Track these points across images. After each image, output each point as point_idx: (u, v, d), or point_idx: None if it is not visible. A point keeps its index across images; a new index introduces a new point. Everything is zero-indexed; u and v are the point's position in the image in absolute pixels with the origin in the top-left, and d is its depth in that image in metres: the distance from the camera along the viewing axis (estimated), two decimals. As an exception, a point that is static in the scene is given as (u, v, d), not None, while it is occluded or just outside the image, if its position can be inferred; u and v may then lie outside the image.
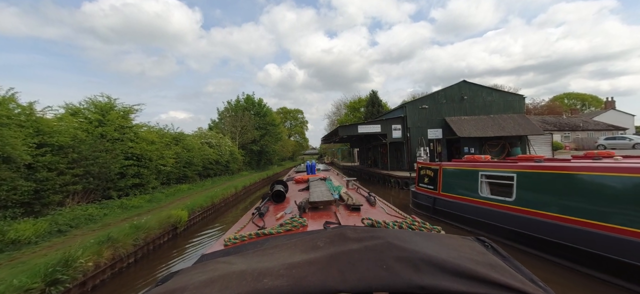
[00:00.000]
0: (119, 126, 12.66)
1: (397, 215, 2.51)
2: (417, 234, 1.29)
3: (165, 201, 12.67)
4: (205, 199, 11.09)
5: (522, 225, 5.89)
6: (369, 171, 24.58)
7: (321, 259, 0.99)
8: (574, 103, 65.91)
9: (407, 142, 19.67)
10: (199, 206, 10.24)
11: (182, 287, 0.92)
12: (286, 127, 73.02)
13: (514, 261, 1.13)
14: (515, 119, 17.94)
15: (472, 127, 17.59)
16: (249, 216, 2.70)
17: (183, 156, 17.14)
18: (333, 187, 3.79)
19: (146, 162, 13.24)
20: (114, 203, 10.56)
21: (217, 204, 12.53)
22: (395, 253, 0.96)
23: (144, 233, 6.18)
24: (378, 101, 47.52)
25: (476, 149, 17.93)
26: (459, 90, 19.52)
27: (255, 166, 35.45)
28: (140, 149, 12.80)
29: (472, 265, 0.92)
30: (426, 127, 19.36)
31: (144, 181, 13.25)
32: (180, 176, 17.34)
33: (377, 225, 1.73)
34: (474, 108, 19.32)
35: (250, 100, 37.32)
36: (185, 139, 18.64)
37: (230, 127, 32.27)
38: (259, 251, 1.27)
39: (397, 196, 15.64)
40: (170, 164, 15.43)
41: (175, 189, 15.27)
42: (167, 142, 16.33)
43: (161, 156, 14.71)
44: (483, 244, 1.28)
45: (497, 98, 19.39)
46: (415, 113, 19.56)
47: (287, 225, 1.96)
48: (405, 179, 16.24)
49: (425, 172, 10.22)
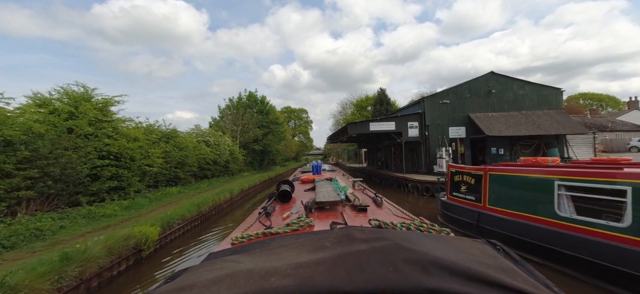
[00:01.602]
0: (95, 120, 10.85)
1: (404, 216, 2.46)
2: (425, 236, 1.26)
3: (147, 208, 10.82)
4: (190, 208, 9.17)
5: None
6: (380, 174, 22.47)
7: (328, 260, 0.96)
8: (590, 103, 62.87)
9: (426, 141, 17.52)
10: (180, 217, 8.31)
11: (191, 285, 0.92)
12: (290, 127, 71.29)
13: (527, 265, 1.08)
14: (553, 116, 15.71)
15: (502, 124, 15.41)
16: (256, 215, 2.66)
17: (174, 156, 15.30)
18: (339, 187, 3.68)
19: (126, 162, 11.40)
20: (80, 212, 8.72)
21: (206, 213, 10.59)
22: (404, 255, 0.92)
23: (79, 267, 4.24)
24: (386, 99, 45.26)
25: (506, 150, 15.72)
26: (486, 83, 17.31)
27: (257, 166, 33.62)
28: (119, 147, 10.96)
29: (483, 268, 0.87)
30: (447, 125, 17.22)
31: (124, 184, 11.42)
32: (171, 177, 15.52)
33: (384, 226, 1.75)
34: (503, 103, 17.11)
35: (253, 97, 35.53)
36: (177, 136, 16.81)
37: (231, 125, 30.53)
38: (266, 251, 1.27)
39: (415, 203, 13.55)
40: (158, 164, 13.60)
41: (163, 193, 13.44)
42: (155, 139, 14.49)
43: (146, 155, 12.88)
44: (494, 247, 1.21)
45: (529, 92, 17.15)
46: (434, 109, 17.42)
47: (293, 225, 1.95)
48: (425, 184, 14.13)
49: (461, 178, 8.16)
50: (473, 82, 17.36)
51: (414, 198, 14.54)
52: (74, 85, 11.30)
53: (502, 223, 6.38)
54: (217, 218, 11.41)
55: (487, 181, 7.12)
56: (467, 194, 7.84)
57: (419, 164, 18.40)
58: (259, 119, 33.89)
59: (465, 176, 8.02)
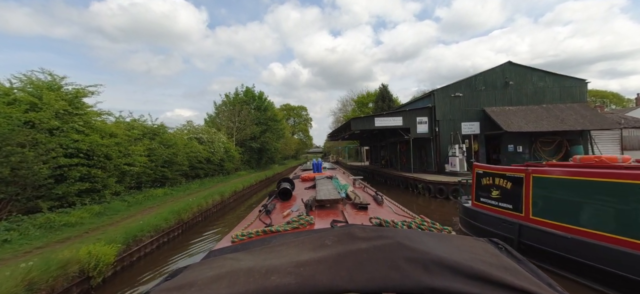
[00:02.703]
0: (63, 112, 9.42)
1: (405, 214, 2.43)
2: (427, 235, 1.24)
3: (124, 213, 9.43)
4: (168, 216, 7.74)
5: None
6: (384, 173, 21.08)
7: (329, 258, 0.94)
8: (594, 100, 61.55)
9: (436, 138, 16.11)
10: (153, 227, 6.88)
11: (191, 282, 0.91)
12: (289, 124, 69.85)
13: (530, 265, 1.06)
14: (577, 110, 14.31)
15: (522, 119, 14.01)
16: (256, 213, 2.64)
17: (160, 153, 13.87)
18: (340, 185, 3.55)
19: (100, 161, 9.99)
20: (36, 221, 7.31)
21: (189, 221, 9.16)
22: (405, 254, 0.90)
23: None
24: (388, 95, 43.83)
25: (525, 148, 14.34)
26: (503, 74, 15.86)
27: (255, 165, 32.21)
28: (90, 143, 9.53)
29: (486, 267, 0.86)
30: (460, 120, 15.81)
31: (98, 186, 10.01)
32: (157, 177, 14.10)
33: (385, 224, 1.71)
34: (521, 96, 15.69)
35: (250, 93, 34.03)
36: (164, 132, 15.37)
37: (227, 121, 29.08)
38: (266, 249, 1.25)
39: (426, 207, 12.17)
40: (141, 163, 12.19)
41: (146, 195, 12.03)
42: (138, 135, 13.06)
43: (126, 153, 11.46)
44: (497, 246, 1.19)
45: (551, 83, 15.70)
46: (446, 103, 15.99)
47: (294, 223, 1.93)
48: (438, 185, 12.73)
49: (491, 180, 6.78)
50: (488, 73, 15.90)
51: (425, 201, 13.16)
52: (39, 72, 9.87)
53: (556, 240, 5.00)
54: (203, 226, 9.96)
55: (530, 186, 5.73)
56: (500, 200, 6.46)
57: (428, 162, 17.01)
58: (257, 115, 32.45)
59: (497, 178, 6.63)
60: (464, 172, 14.03)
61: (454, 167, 14.28)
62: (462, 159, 14.16)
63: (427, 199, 13.21)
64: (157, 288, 0.95)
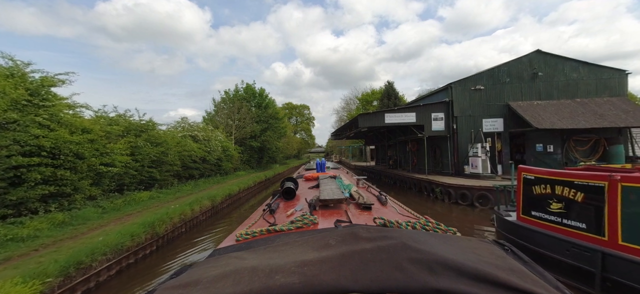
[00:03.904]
0: (25, 102, 8.01)
1: (409, 215, 2.42)
2: (432, 235, 1.23)
3: (95, 222, 8.01)
4: (137, 230, 6.21)
5: None
6: (393, 174, 19.52)
7: (333, 258, 0.94)
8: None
9: (453, 136, 14.50)
10: (112, 247, 5.37)
11: (196, 280, 0.91)
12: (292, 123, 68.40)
13: (537, 266, 1.03)
14: (617, 104, 12.65)
15: (553, 115, 12.38)
16: (260, 212, 2.67)
17: (147, 152, 12.44)
18: (343, 185, 3.49)
19: (70, 161, 8.57)
20: (-28, 235, 5.87)
21: (166, 234, 7.62)
22: (410, 254, 0.89)
23: None
24: (394, 92, 42.14)
25: (556, 148, 12.72)
26: (530, 64, 14.15)
27: (255, 164, 30.76)
28: (56, 140, 8.11)
29: (492, 269, 0.85)
30: (480, 116, 14.19)
31: (67, 189, 8.59)
32: (143, 179, 12.67)
33: (389, 225, 1.70)
34: (551, 89, 14.01)
35: (251, 90, 32.58)
36: (152, 129, 13.94)
37: (226, 119, 27.67)
38: (271, 248, 1.27)
39: (447, 215, 10.62)
40: (122, 163, 10.76)
41: (128, 200, 10.59)
42: (120, 132, 11.63)
43: (104, 152, 10.04)
44: (503, 247, 1.18)
45: (585, 74, 13.96)
46: (464, 97, 14.36)
47: (297, 222, 1.93)
48: (460, 190, 11.13)
49: (548, 189, 5.25)
50: (514, 64, 14.23)
51: (444, 207, 11.59)
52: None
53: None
54: (185, 240, 8.41)
55: (618, 199, 4.18)
56: (566, 217, 4.91)
57: (444, 163, 15.40)
58: (257, 113, 31.02)
59: (560, 186, 5.07)
60: (488, 175, 12.45)
61: (476, 169, 12.69)
62: (485, 160, 12.57)
63: (447, 205, 11.63)
64: (163, 285, 0.94)
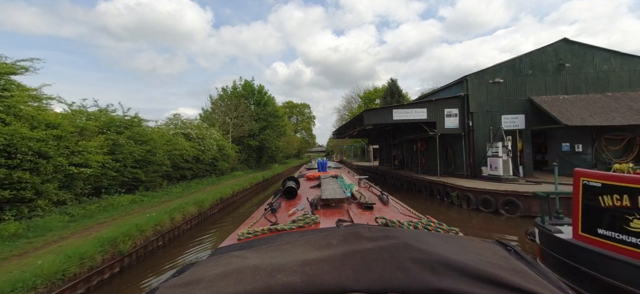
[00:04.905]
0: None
1: (411, 215, 2.39)
2: (434, 235, 1.21)
3: (57, 234, 6.74)
4: (91, 248, 4.87)
5: None
6: (399, 175, 18.22)
7: (335, 258, 0.93)
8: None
9: (469, 134, 13.19)
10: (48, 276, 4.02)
11: (198, 279, 0.91)
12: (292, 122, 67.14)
13: (541, 267, 1.01)
14: (656, 99, 11.33)
15: (584, 111, 11.08)
16: (262, 211, 2.66)
17: (130, 151, 11.17)
18: (345, 184, 3.53)
19: (30, 161, 7.30)
20: None
21: (135, 252, 6.20)
22: (412, 254, 0.88)
23: None
24: (398, 90, 40.95)
25: (586, 147, 11.43)
26: (555, 54, 12.81)
27: (253, 164, 29.49)
28: (11, 136, 6.84)
29: (495, 269, 0.84)
30: (499, 112, 12.88)
31: (27, 194, 7.33)
32: (127, 180, 11.40)
33: (391, 224, 1.70)
34: (579, 82, 12.69)
35: (249, 86, 31.30)
36: (138, 125, 12.68)
37: (223, 117, 26.41)
38: (272, 247, 1.25)
39: (465, 222, 9.33)
40: (99, 162, 9.49)
41: (103, 205, 9.32)
42: (96, 128, 10.36)
43: (75, 151, 8.78)
44: (505, 247, 1.15)
45: (617, 66, 12.59)
46: (481, 90, 13.02)
47: (299, 221, 1.93)
48: (482, 195, 9.82)
49: (628, 201, 3.99)
50: (537, 54, 12.89)
51: (462, 214, 10.29)
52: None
53: None
54: (162, 257, 7.03)
55: None
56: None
57: (457, 164, 14.11)
58: (256, 111, 29.74)
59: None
60: (510, 178, 11.15)
61: (496, 170, 11.39)
62: (507, 161, 11.26)
63: (466, 212, 10.32)
64: (165, 284, 0.94)
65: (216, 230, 9.58)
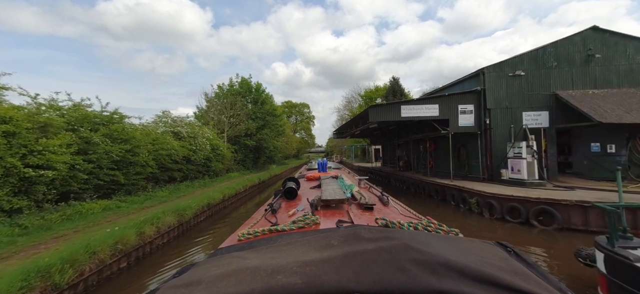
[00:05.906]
0: None
1: (411, 216, 2.38)
2: (434, 236, 1.21)
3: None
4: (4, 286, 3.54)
5: None
6: (406, 178, 16.94)
7: (335, 258, 0.92)
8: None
9: (486, 133, 11.92)
10: None
11: (198, 280, 0.90)
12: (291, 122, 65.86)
13: (540, 268, 1.02)
14: (700, 94, 10.09)
15: (618, 106, 9.87)
16: (262, 212, 2.61)
17: (105, 151, 9.86)
18: (345, 185, 3.50)
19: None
20: None
21: (82, 280, 4.79)
22: (412, 255, 0.88)
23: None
24: (400, 89, 39.60)
25: (619, 147, 10.18)
26: (583, 43, 11.57)
27: (250, 165, 28.17)
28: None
29: (495, 271, 0.83)
30: (520, 109, 11.63)
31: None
32: (102, 184, 10.08)
33: (391, 225, 1.70)
34: (610, 75, 11.48)
35: (246, 84, 29.98)
36: (118, 121, 11.38)
37: (219, 115, 25.10)
38: (272, 248, 1.25)
39: (489, 233, 8.04)
40: (65, 163, 8.19)
41: (67, 214, 8.02)
42: (63, 125, 9.04)
43: (34, 150, 7.47)
44: (506, 249, 1.15)
45: (654, 57, 11.39)
46: (500, 85, 11.78)
47: (299, 222, 1.91)
48: (509, 202, 8.52)
49: None
50: (562, 44, 11.64)
51: (483, 223, 8.99)
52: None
53: None
54: (125, 282, 5.62)
55: None
56: None
57: (471, 166, 12.84)
58: (253, 109, 28.45)
59: None
60: (536, 182, 9.88)
61: (519, 173, 10.11)
62: (531, 163, 9.98)
63: (488, 221, 9.03)
64: (165, 285, 0.94)
65: (198, 247, 8.27)
